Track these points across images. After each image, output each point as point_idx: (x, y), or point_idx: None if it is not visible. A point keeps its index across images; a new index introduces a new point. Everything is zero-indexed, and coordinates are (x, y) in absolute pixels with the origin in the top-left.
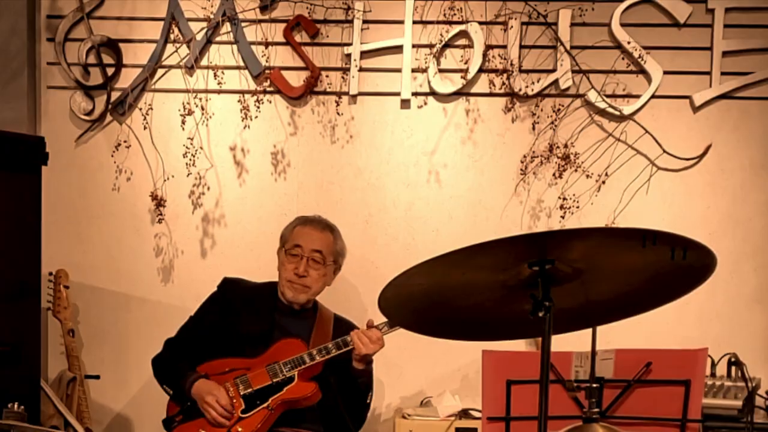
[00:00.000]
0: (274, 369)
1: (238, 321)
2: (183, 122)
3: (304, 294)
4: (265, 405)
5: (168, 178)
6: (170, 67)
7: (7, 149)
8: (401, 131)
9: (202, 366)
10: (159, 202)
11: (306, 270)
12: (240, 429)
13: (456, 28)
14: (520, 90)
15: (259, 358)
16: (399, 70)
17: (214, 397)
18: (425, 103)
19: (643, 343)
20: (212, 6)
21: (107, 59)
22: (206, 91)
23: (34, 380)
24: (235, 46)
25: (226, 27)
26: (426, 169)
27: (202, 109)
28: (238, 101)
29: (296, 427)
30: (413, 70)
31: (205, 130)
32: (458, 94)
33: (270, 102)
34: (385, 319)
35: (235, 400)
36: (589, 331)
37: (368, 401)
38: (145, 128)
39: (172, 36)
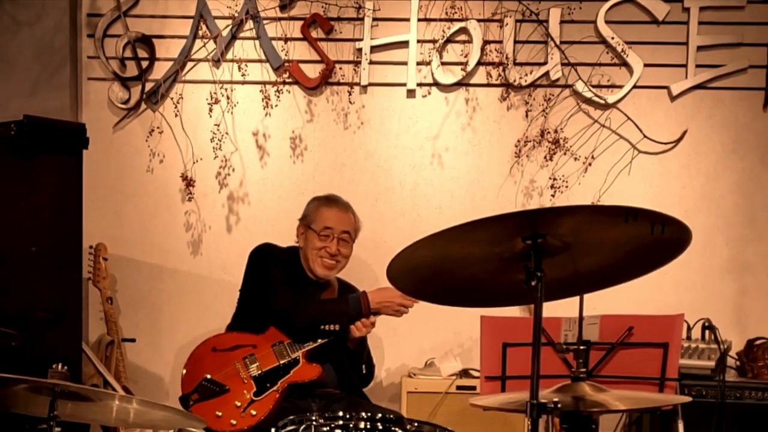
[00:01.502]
0: (280, 349)
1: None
2: (210, 110)
3: (335, 270)
4: (274, 388)
5: (197, 161)
6: (199, 60)
7: (52, 135)
8: (407, 118)
9: (212, 339)
10: (189, 182)
11: (338, 249)
12: (254, 412)
13: (456, 25)
14: (514, 81)
15: (265, 334)
16: (405, 63)
17: (398, 298)
18: (429, 93)
19: (625, 309)
20: (236, 5)
21: (142, 53)
22: (231, 82)
23: (76, 343)
24: (257, 42)
25: (249, 24)
26: (429, 153)
27: (228, 98)
28: (260, 91)
29: (317, 388)
30: (418, 63)
31: (230, 118)
32: (459, 84)
33: (289, 92)
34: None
35: (246, 382)
36: (577, 298)
37: (365, 372)
38: (176, 116)
39: (200, 32)
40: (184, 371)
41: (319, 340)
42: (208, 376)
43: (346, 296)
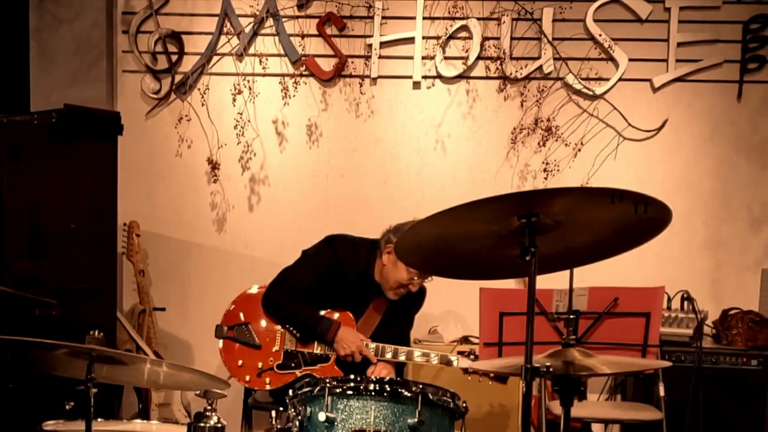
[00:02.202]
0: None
1: (337, 283)
2: (234, 100)
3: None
4: (295, 371)
5: (221, 146)
6: (223, 54)
7: (90, 122)
8: (413, 108)
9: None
10: (214, 165)
11: (419, 284)
12: (267, 380)
13: (458, 23)
14: (510, 74)
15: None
16: (411, 58)
17: (356, 348)
18: (433, 85)
19: (611, 282)
20: (258, 4)
21: (171, 48)
22: (253, 75)
23: (112, 312)
24: (276, 38)
25: (269, 22)
26: (433, 139)
27: (250, 89)
28: (279, 83)
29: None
30: (423, 58)
31: (252, 107)
32: (460, 77)
33: (305, 84)
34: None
35: (276, 351)
36: (567, 272)
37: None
38: (202, 105)
39: (225, 29)
40: (233, 306)
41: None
42: (249, 324)
43: (323, 318)
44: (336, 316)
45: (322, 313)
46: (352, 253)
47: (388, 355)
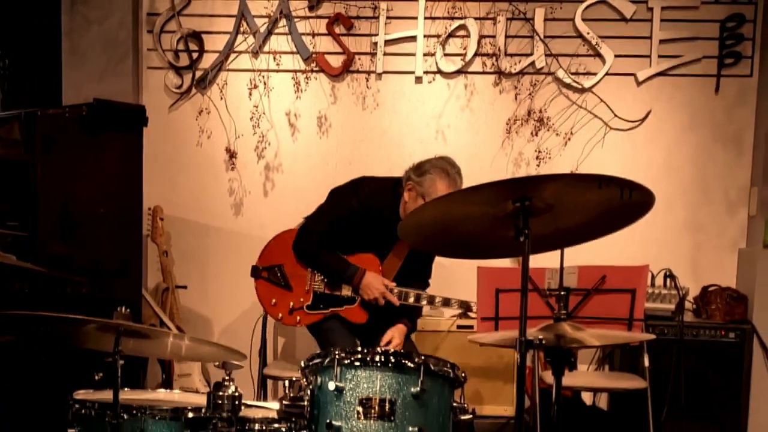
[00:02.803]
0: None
1: (363, 224)
2: (250, 94)
3: None
4: (323, 311)
5: (239, 137)
6: (240, 52)
7: (117, 115)
8: (416, 101)
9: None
10: (232, 154)
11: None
12: (298, 318)
13: (457, 23)
14: (505, 69)
15: (349, 257)
16: (413, 54)
17: (380, 292)
18: (434, 80)
19: (599, 260)
20: (272, 5)
21: (192, 46)
22: (267, 71)
23: (137, 290)
24: (289, 37)
25: (283, 22)
26: (434, 130)
27: (264, 84)
28: (292, 78)
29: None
30: (424, 54)
31: (267, 100)
32: (459, 72)
33: (316, 79)
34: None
35: (307, 292)
36: (559, 251)
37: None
38: (221, 98)
39: (241, 29)
40: (268, 247)
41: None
42: (282, 266)
43: (349, 265)
44: (361, 260)
45: (349, 256)
46: (376, 196)
47: (411, 300)
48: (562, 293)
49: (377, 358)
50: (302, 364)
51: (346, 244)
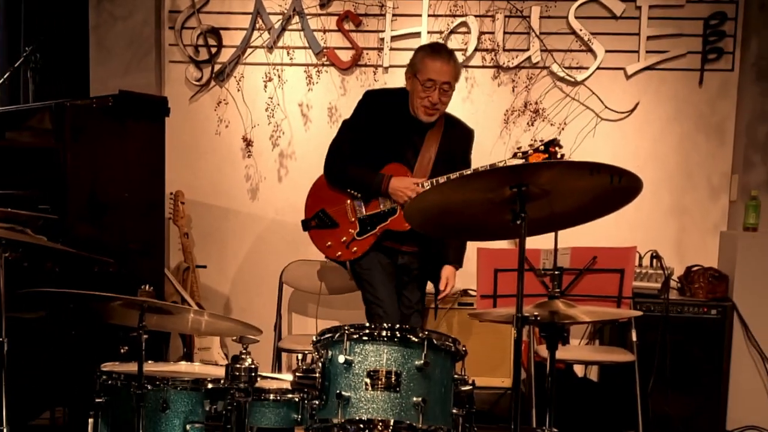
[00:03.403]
0: (384, 197)
1: (382, 131)
2: (265, 86)
3: (435, 116)
4: (373, 232)
5: (254, 126)
6: (256, 47)
7: (141, 106)
8: None
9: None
10: (248, 142)
11: (439, 98)
12: (354, 249)
13: (458, 20)
14: (503, 63)
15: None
16: None
17: (410, 191)
18: None
19: (590, 242)
20: (286, 3)
21: (211, 42)
22: (281, 64)
23: (160, 269)
24: (301, 33)
25: (296, 19)
26: None
27: (279, 77)
28: (304, 71)
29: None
30: None
31: (281, 92)
32: (461, 67)
33: (327, 72)
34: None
35: (352, 221)
36: (553, 234)
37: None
38: (238, 90)
39: (257, 25)
40: (307, 200)
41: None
42: (324, 210)
43: (375, 175)
44: (389, 171)
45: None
46: (387, 100)
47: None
48: (556, 273)
49: (384, 333)
50: (314, 339)
51: (372, 158)
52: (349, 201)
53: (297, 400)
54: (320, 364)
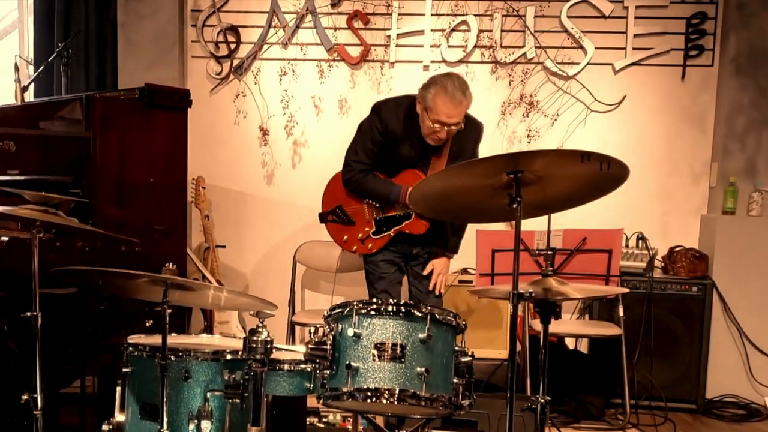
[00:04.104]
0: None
1: (393, 143)
2: (280, 80)
3: (442, 143)
4: (389, 232)
5: (270, 116)
6: (272, 43)
7: (165, 97)
8: None
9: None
10: (264, 132)
11: (446, 134)
12: (370, 245)
13: (459, 19)
14: (500, 59)
15: (394, 180)
16: (422, 46)
17: None
18: (439, 68)
19: (581, 224)
20: (299, 3)
21: (230, 38)
22: (295, 60)
23: (183, 249)
24: (314, 30)
25: (309, 17)
26: None
27: (293, 71)
28: (316, 66)
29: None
30: (431, 46)
31: (295, 85)
32: (460, 61)
33: (337, 67)
34: None
35: (368, 221)
36: (546, 217)
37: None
38: (255, 84)
39: (273, 23)
40: (325, 195)
41: None
42: (341, 206)
43: (393, 185)
44: (406, 176)
45: (395, 177)
46: (396, 114)
47: None
48: (549, 253)
49: (390, 309)
50: (325, 314)
51: (388, 165)
52: (368, 202)
53: (309, 370)
54: (331, 337)
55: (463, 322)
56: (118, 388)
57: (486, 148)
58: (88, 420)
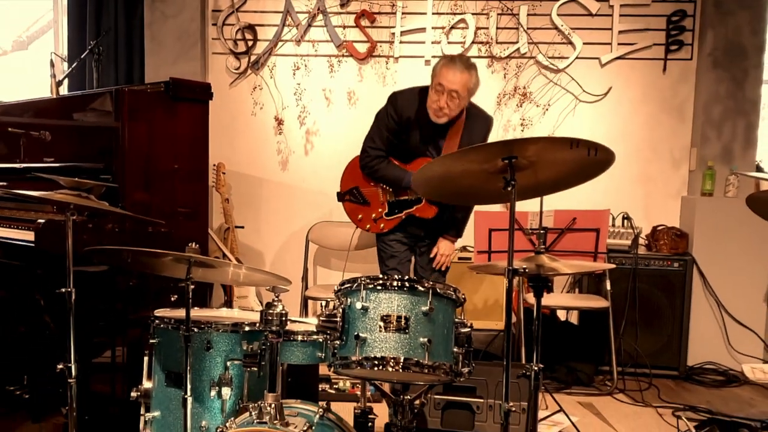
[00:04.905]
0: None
1: (407, 131)
2: (294, 74)
3: (444, 119)
4: (400, 214)
5: (285, 108)
6: (286, 40)
7: (188, 90)
8: (425, 80)
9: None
10: (279, 121)
11: (446, 103)
12: (383, 225)
13: (458, 17)
14: (496, 54)
15: (407, 167)
16: (423, 42)
17: None
18: None
19: (570, 205)
20: (311, 3)
21: (248, 36)
22: (307, 55)
23: (204, 229)
24: (324, 28)
25: (320, 16)
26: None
27: (305, 66)
28: (327, 61)
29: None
30: (432, 42)
31: (307, 79)
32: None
33: (346, 62)
34: None
35: (382, 203)
36: (539, 198)
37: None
38: (271, 77)
39: (287, 22)
40: (343, 176)
41: None
42: (358, 187)
43: (405, 172)
44: (419, 164)
45: (408, 164)
46: (410, 103)
47: None
48: (542, 232)
49: (395, 284)
50: (335, 288)
51: (403, 152)
52: (381, 186)
53: (321, 340)
54: (341, 310)
55: (463, 296)
56: (146, 358)
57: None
58: (118, 387)
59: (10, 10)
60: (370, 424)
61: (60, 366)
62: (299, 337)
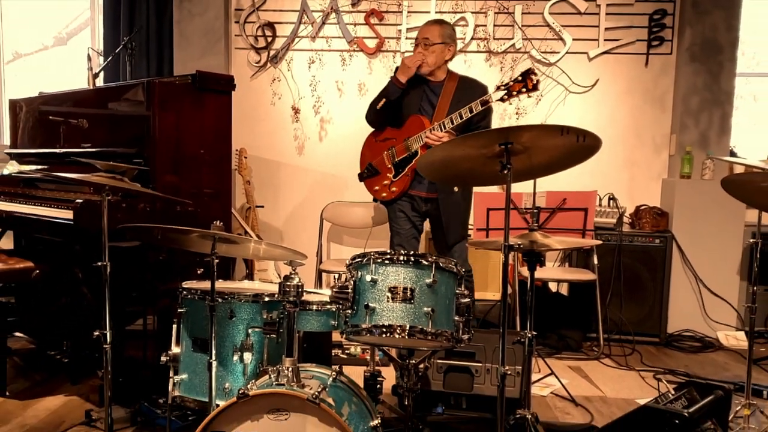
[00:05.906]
0: (407, 143)
1: (405, 93)
2: (309, 67)
3: (425, 68)
4: (405, 173)
5: (301, 98)
6: (302, 37)
7: (213, 82)
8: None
9: (374, 132)
10: (296, 110)
11: (422, 53)
12: (394, 189)
13: (458, 15)
14: (494, 49)
15: (402, 129)
16: None
17: (417, 59)
18: None
19: (561, 187)
20: (325, 3)
21: (268, 33)
22: (321, 50)
23: (227, 208)
24: (337, 25)
25: (333, 15)
26: None
27: (320, 60)
28: (339, 56)
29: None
30: None
31: (322, 72)
32: (460, 51)
33: (357, 56)
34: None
35: (389, 167)
36: (532, 181)
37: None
38: (288, 70)
39: (303, 20)
40: (360, 156)
41: (428, 138)
42: (371, 163)
43: (388, 83)
44: (412, 122)
45: (401, 128)
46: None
47: (450, 125)
48: (535, 211)
49: (401, 258)
50: (347, 262)
51: (399, 112)
52: (385, 152)
53: (334, 310)
54: (352, 282)
55: (463, 270)
56: (174, 326)
57: None
58: (149, 352)
59: (51, 9)
60: (378, 386)
61: (96, 333)
62: (314, 307)
